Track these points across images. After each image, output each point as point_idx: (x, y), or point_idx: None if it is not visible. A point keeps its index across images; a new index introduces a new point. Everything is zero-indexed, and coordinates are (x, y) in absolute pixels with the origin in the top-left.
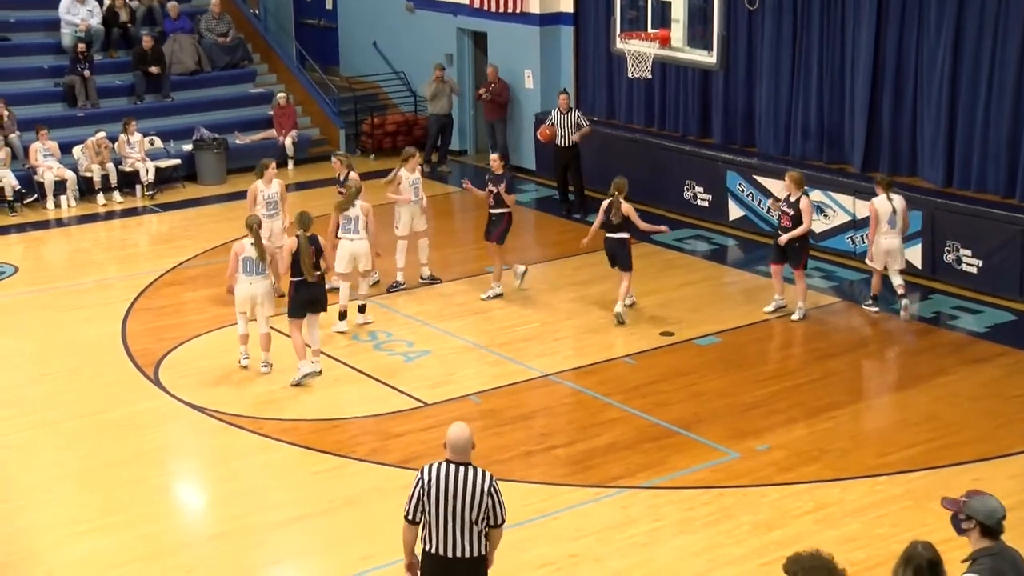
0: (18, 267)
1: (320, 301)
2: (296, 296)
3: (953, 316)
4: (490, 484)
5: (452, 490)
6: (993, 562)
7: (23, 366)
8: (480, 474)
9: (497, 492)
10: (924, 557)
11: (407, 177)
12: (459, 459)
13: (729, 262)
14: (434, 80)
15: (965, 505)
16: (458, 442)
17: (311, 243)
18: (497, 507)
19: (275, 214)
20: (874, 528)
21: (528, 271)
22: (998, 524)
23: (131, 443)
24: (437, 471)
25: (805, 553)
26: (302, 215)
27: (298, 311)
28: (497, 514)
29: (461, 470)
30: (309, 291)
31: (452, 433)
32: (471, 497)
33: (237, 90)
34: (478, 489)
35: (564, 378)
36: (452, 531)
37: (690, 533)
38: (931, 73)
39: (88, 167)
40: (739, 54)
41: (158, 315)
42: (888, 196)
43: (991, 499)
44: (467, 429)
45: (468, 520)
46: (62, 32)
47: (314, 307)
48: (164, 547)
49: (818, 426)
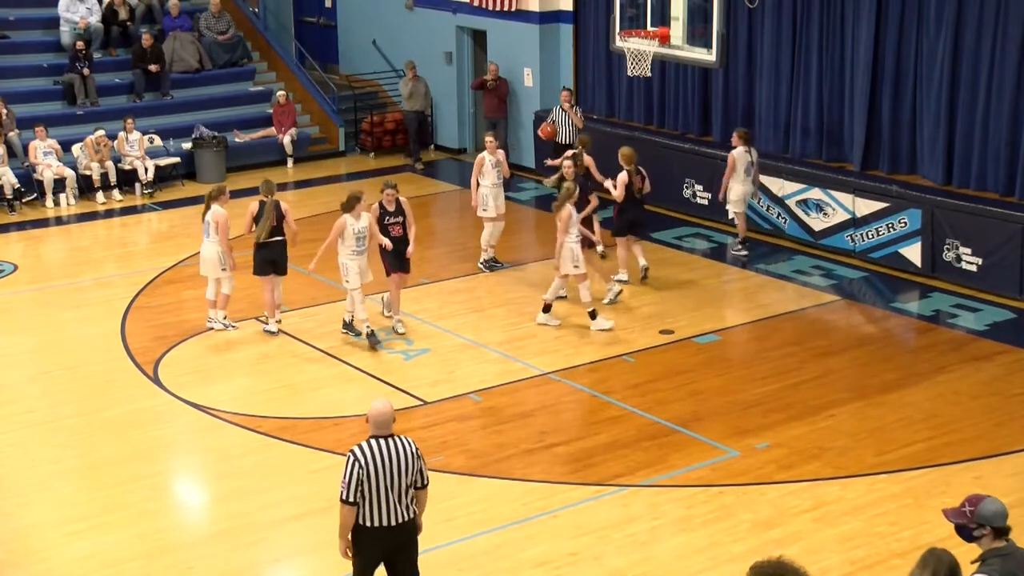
0: (17, 265)
1: (278, 263)
2: (257, 255)
3: (953, 314)
4: (416, 448)
5: (388, 462)
6: (1003, 563)
7: (22, 364)
8: (405, 441)
9: (421, 455)
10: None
11: (488, 160)
12: (384, 433)
13: (728, 260)
14: (409, 79)
15: (975, 515)
16: (380, 417)
17: (274, 208)
18: (424, 469)
19: (364, 250)
20: (873, 526)
21: (622, 292)
22: (1006, 521)
23: (130, 441)
24: (370, 448)
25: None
26: (266, 182)
27: (260, 269)
28: (424, 475)
29: (390, 442)
30: (269, 251)
31: (375, 409)
32: (405, 464)
33: (236, 88)
34: (409, 455)
35: (564, 376)
36: (392, 501)
37: (690, 531)
38: (931, 71)
39: (87, 165)
40: (739, 52)
41: (157, 313)
42: (748, 149)
43: (992, 501)
44: (389, 403)
45: (404, 486)
46: (61, 30)
47: (276, 267)
48: (164, 545)
49: (818, 424)
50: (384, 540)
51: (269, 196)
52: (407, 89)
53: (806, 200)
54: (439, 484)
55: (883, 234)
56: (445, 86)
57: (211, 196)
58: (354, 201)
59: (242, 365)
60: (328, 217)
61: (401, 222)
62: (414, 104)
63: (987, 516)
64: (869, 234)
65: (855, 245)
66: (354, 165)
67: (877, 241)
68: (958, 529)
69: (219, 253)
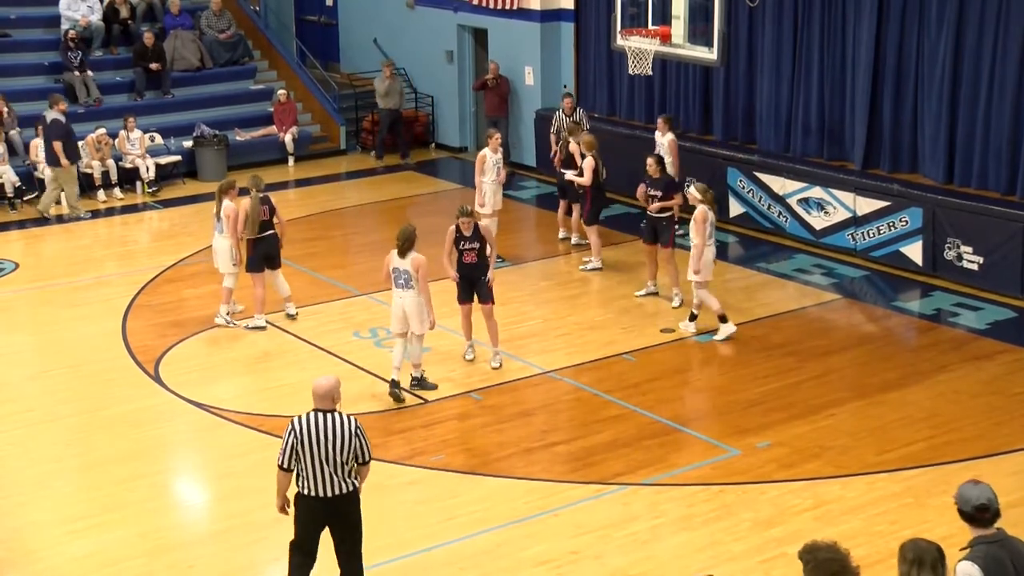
0: (18, 263)
1: (273, 257)
2: (255, 251)
3: (954, 313)
4: (355, 426)
5: (323, 436)
6: (989, 550)
7: (23, 362)
8: (345, 418)
9: (362, 433)
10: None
11: (491, 157)
12: (325, 407)
13: (730, 259)
14: (386, 77)
15: (956, 494)
16: (319, 390)
17: (263, 203)
18: (363, 447)
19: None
20: (874, 525)
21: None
22: (975, 512)
23: (131, 440)
24: (307, 421)
25: (823, 544)
26: (254, 177)
27: (256, 265)
28: (364, 452)
29: (328, 417)
30: (264, 246)
31: (316, 383)
32: (341, 440)
33: (237, 87)
34: (346, 432)
35: (564, 375)
36: (327, 472)
37: (691, 530)
38: (932, 69)
39: (88, 164)
40: (740, 51)
41: (158, 312)
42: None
43: (973, 488)
44: (332, 378)
45: (340, 461)
46: (62, 28)
47: (270, 262)
48: (165, 544)
49: (818, 423)
50: (320, 509)
51: (256, 191)
52: (383, 87)
53: (807, 199)
54: (440, 483)
55: (884, 233)
56: (446, 85)
57: (221, 190)
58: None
59: (243, 364)
60: (328, 216)
61: (477, 249)
62: (389, 102)
63: (960, 498)
64: (870, 233)
65: (856, 244)
66: (355, 164)
67: (878, 240)
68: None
69: (230, 247)
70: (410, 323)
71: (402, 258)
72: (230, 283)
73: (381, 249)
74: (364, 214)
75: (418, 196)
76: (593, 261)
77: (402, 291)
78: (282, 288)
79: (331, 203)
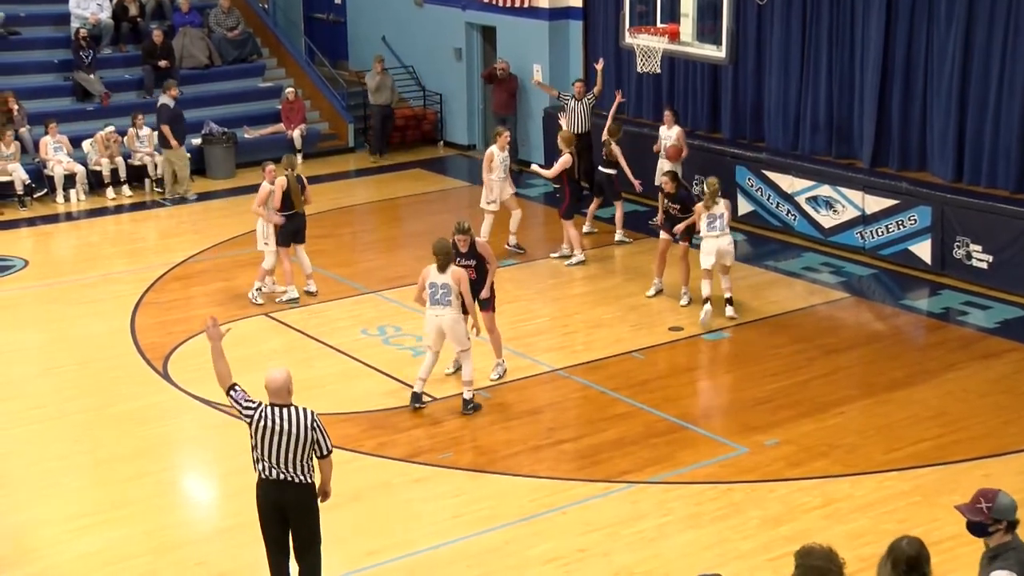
0: (28, 261)
1: (301, 232)
2: (286, 227)
3: (963, 312)
4: (312, 419)
5: (279, 429)
6: (1018, 555)
7: (31, 359)
8: (302, 412)
9: (320, 426)
10: (906, 553)
11: (498, 155)
12: (280, 401)
13: (738, 257)
14: (377, 72)
15: (992, 510)
16: (271, 384)
17: (298, 181)
18: (322, 440)
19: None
20: (882, 524)
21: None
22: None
23: (139, 437)
24: (264, 412)
25: (820, 550)
26: (289, 156)
27: (285, 240)
28: (323, 446)
29: (284, 411)
30: (295, 222)
31: (269, 377)
32: (296, 433)
33: (246, 84)
34: (302, 426)
35: (572, 373)
36: (281, 462)
37: (698, 528)
38: (941, 67)
39: (97, 161)
40: (748, 49)
41: (167, 309)
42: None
43: (1005, 495)
44: (284, 372)
45: (297, 456)
46: (72, 26)
47: (297, 237)
48: (172, 541)
49: (827, 421)
50: (271, 492)
51: (291, 170)
52: (374, 82)
53: (815, 197)
54: (448, 480)
55: (893, 231)
56: (454, 82)
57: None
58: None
59: (251, 361)
60: (336, 213)
61: (474, 265)
62: (380, 98)
63: (1003, 511)
64: (879, 231)
65: (864, 242)
66: (363, 161)
67: (887, 238)
68: (972, 525)
69: (262, 225)
70: (451, 342)
71: (442, 272)
72: (267, 263)
73: (389, 247)
74: (372, 212)
75: (426, 194)
76: (576, 255)
77: (440, 308)
78: (305, 264)
79: (339, 200)
